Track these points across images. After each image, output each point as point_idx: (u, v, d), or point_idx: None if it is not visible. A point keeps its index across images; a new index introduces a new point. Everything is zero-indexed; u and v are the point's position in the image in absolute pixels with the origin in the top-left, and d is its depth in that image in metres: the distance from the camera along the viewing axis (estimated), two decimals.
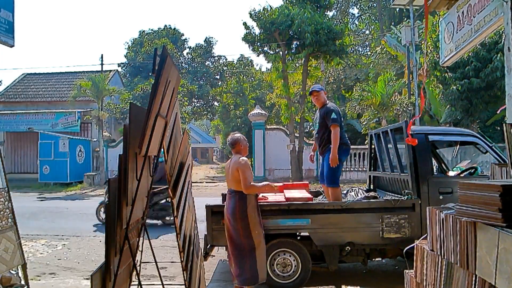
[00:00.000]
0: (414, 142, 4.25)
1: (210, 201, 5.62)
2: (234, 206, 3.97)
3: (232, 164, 4.02)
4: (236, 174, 3.94)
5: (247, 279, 3.94)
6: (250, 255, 3.94)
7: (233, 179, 3.99)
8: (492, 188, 1.75)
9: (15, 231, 3.79)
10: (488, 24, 3.97)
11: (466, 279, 1.93)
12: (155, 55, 2.21)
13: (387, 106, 15.99)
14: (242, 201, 3.95)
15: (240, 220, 3.94)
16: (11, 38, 4.60)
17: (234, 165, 3.99)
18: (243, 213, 3.94)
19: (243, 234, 3.95)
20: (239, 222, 3.94)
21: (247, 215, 3.94)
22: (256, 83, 29.76)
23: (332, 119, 4.70)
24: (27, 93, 23.03)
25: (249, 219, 3.94)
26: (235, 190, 4.00)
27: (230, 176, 4.04)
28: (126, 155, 2.08)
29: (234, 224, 3.97)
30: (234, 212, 3.95)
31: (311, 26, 15.69)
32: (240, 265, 3.96)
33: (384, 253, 4.70)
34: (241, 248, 3.96)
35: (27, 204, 11.76)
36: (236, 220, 3.95)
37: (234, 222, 3.96)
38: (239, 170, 3.91)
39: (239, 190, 3.96)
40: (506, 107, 3.74)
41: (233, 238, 4.00)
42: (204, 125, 63.72)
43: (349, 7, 34.13)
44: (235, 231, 3.98)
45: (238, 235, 3.97)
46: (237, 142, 4.11)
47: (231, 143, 4.14)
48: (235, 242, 3.99)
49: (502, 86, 11.83)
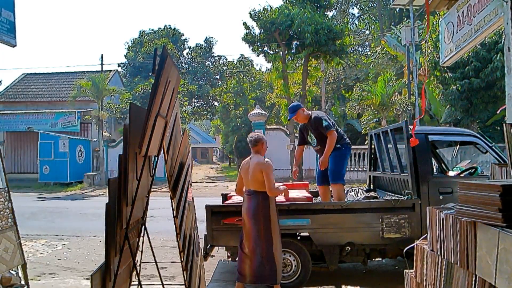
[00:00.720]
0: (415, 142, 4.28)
1: (210, 201, 5.61)
2: (257, 207, 3.94)
3: (255, 165, 3.97)
4: (259, 175, 3.91)
5: (267, 280, 3.94)
6: (269, 257, 3.94)
7: (255, 180, 3.95)
8: (492, 188, 1.75)
9: (15, 231, 3.79)
10: (488, 24, 3.97)
11: (466, 279, 1.93)
12: (155, 55, 2.21)
13: (387, 106, 15.99)
14: (265, 202, 3.95)
15: (263, 221, 3.93)
16: (13, 38, 4.60)
17: (258, 166, 3.95)
18: (266, 214, 3.95)
19: (264, 235, 3.93)
20: (262, 223, 3.93)
21: (269, 216, 3.95)
22: (256, 83, 29.78)
23: (326, 127, 4.71)
24: (27, 93, 23.04)
25: (271, 221, 3.95)
26: (257, 190, 3.97)
27: (251, 176, 3.98)
28: (126, 155, 2.08)
29: (255, 225, 3.94)
30: (257, 213, 3.93)
31: (311, 26, 15.70)
32: (260, 266, 3.94)
33: (384, 253, 4.69)
34: (261, 250, 3.94)
35: (27, 204, 11.76)
36: (258, 221, 3.92)
37: (256, 223, 3.93)
38: (263, 172, 3.90)
39: (262, 191, 3.94)
40: (506, 107, 3.74)
41: (254, 240, 3.95)
42: (204, 125, 63.74)
43: (349, 7, 34.16)
44: (257, 232, 3.94)
45: (259, 236, 3.94)
46: (260, 141, 4.11)
47: (254, 141, 4.10)
48: (255, 244, 3.95)
49: (502, 86, 11.83)
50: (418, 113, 14.85)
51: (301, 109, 4.93)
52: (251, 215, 3.97)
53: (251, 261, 4.00)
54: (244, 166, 4.14)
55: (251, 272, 4.00)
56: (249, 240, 4.00)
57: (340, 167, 4.81)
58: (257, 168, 3.95)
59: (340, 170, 4.83)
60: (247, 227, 4.03)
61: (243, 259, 4.08)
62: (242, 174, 4.18)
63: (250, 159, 4.11)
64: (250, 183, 4.03)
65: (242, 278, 4.08)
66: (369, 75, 23.46)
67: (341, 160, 4.86)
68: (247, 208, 4.03)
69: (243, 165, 4.18)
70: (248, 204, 4.02)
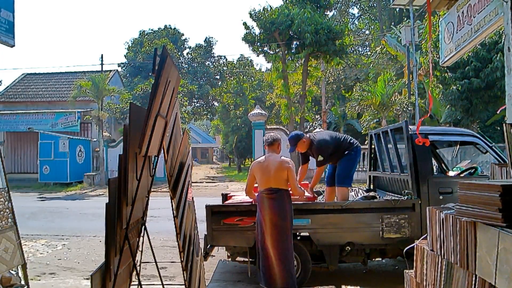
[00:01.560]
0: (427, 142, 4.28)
1: (210, 201, 5.62)
2: (284, 204, 3.92)
3: (278, 163, 3.97)
4: (282, 173, 3.94)
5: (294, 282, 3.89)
6: (292, 257, 3.95)
7: (278, 178, 3.94)
8: (492, 188, 1.75)
9: (15, 231, 3.79)
10: (488, 24, 3.97)
11: (466, 279, 1.93)
12: (155, 55, 2.21)
13: (387, 106, 15.98)
14: (289, 200, 3.99)
15: (289, 219, 3.94)
16: (11, 38, 4.60)
17: (281, 164, 3.96)
18: (291, 212, 3.98)
19: (288, 235, 3.92)
20: (288, 222, 3.92)
21: (292, 214, 4.00)
22: (256, 83, 29.77)
23: (319, 162, 4.75)
24: (27, 93, 23.04)
25: (292, 219, 4.00)
26: (281, 188, 3.95)
27: (273, 174, 3.95)
28: (126, 155, 2.07)
29: (282, 223, 3.88)
30: (285, 211, 3.91)
31: (311, 26, 15.70)
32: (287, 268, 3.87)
33: (384, 253, 4.70)
34: (287, 250, 3.89)
35: (27, 204, 11.76)
36: (285, 219, 3.90)
37: (283, 221, 3.88)
38: (288, 171, 3.94)
39: (286, 189, 3.96)
40: (506, 107, 3.74)
41: (281, 239, 3.87)
42: (204, 125, 63.73)
43: (349, 7, 34.15)
44: (283, 231, 3.88)
45: (285, 236, 3.89)
46: (278, 141, 4.19)
47: (272, 140, 4.15)
48: (282, 244, 3.87)
49: (502, 86, 11.83)
50: (418, 113, 14.85)
51: (301, 141, 4.75)
52: (278, 212, 3.88)
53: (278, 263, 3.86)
54: (260, 165, 4.05)
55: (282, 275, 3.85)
56: (275, 241, 3.88)
57: (347, 171, 4.80)
58: (280, 167, 3.95)
59: (348, 174, 4.82)
60: (271, 225, 3.89)
61: (270, 265, 3.92)
62: (257, 173, 4.06)
63: (266, 158, 4.07)
64: (272, 182, 3.96)
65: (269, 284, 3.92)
66: (369, 75, 23.46)
67: (350, 164, 4.84)
68: (271, 206, 3.91)
69: (258, 164, 4.10)
70: (273, 203, 3.92)
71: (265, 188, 3.99)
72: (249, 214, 4.37)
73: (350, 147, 4.85)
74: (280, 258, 3.88)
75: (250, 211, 4.38)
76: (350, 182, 4.90)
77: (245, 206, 4.49)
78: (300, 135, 4.86)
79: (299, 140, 4.75)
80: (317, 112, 25.28)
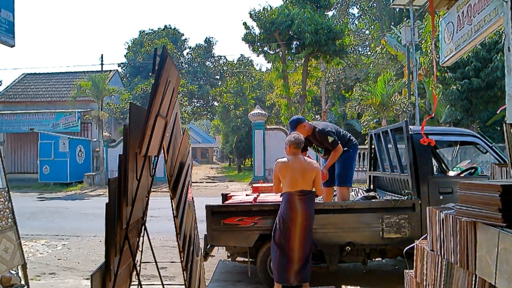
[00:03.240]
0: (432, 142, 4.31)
1: (210, 201, 5.61)
2: (313, 206, 4.08)
3: (310, 165, 4.05)
4: (312, 175, 4.01)
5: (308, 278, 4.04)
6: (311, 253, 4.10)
7: (309, 180, 4.01)
8: (492, 188, 1.75)
9: (15, 231, 3.79)
10: (488, 24, 3.97)
11: (466, 279, 1.93)
12: (155, 55, 2.21)
13: (387, 106, 15.98)
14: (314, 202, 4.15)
15: (313, 220, 4.09)
16: (11, 38, 4.60)
17: (313, 166, 4.05)
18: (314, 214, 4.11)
19: (311, 234, 4.09)
20: (312, 222, 4.08)
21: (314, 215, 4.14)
22: (256, 83, 29.80)
23: (332, 144, 4.62)
24: (27, 93, 23.04)
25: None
26: (312, 191, 4.07)
27: (306, 177, 3.99)
28: (126, 155, 2.07)
29: (310, 224, 4.04)
30: (313, 212, 4.07)
31: (311, 26, 15.71)
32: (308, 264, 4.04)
33: (384, 253, 4.69)
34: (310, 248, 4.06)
35: (27, 204, 11.76)
36: (312, 219, 4.06)
37: (311, 222, 4.05)
38: (316, 173, 4.03)
39: (313, 191, 4.08)
40: (506, 107, 3.74)
41: (308, 239, 4.02)
42: (204, 125, 63.73)
43: (349, 7, 34.14)
44: (310, 231, 4.05)
45: (310, 235, 4.06)
46: (303, 143, 4.23)
47: (299, 142, 4.12)
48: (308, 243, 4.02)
49: (502, 86, 11.83)
50: (418, 113, 14.84)
51: (302, 124, 4.69)
52: (309, 214, 4.02)
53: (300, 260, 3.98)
54: (289, 166, 4.02)
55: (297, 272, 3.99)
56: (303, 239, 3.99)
57: (347, 170, 4.79)
58: (312, 169, 4.03)
59: (348, 173, 4.82)
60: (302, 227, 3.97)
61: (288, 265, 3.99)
62: (286, 173, 4.03)
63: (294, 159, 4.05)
64: (304, 184, 4.00)
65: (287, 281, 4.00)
66: (369, 75, 23.46)
67: (349, 162, 4.83)
68: (305, 208, 3.97)
69: (284, 164, 4.05)
70: (305, 205, 3.98)
71: (297, 190, 3.99)
72: (249, 214, 4.36)
73: (349, 143, 4.86)
74: (304, 255, 4.02)
75: (250, 211, 4.38)
76: (351, 181, 4.91)
77: (245, 206, 4.49)
78: (301, 119, 4.82)
79: (299, 124, 4.69)
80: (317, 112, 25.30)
